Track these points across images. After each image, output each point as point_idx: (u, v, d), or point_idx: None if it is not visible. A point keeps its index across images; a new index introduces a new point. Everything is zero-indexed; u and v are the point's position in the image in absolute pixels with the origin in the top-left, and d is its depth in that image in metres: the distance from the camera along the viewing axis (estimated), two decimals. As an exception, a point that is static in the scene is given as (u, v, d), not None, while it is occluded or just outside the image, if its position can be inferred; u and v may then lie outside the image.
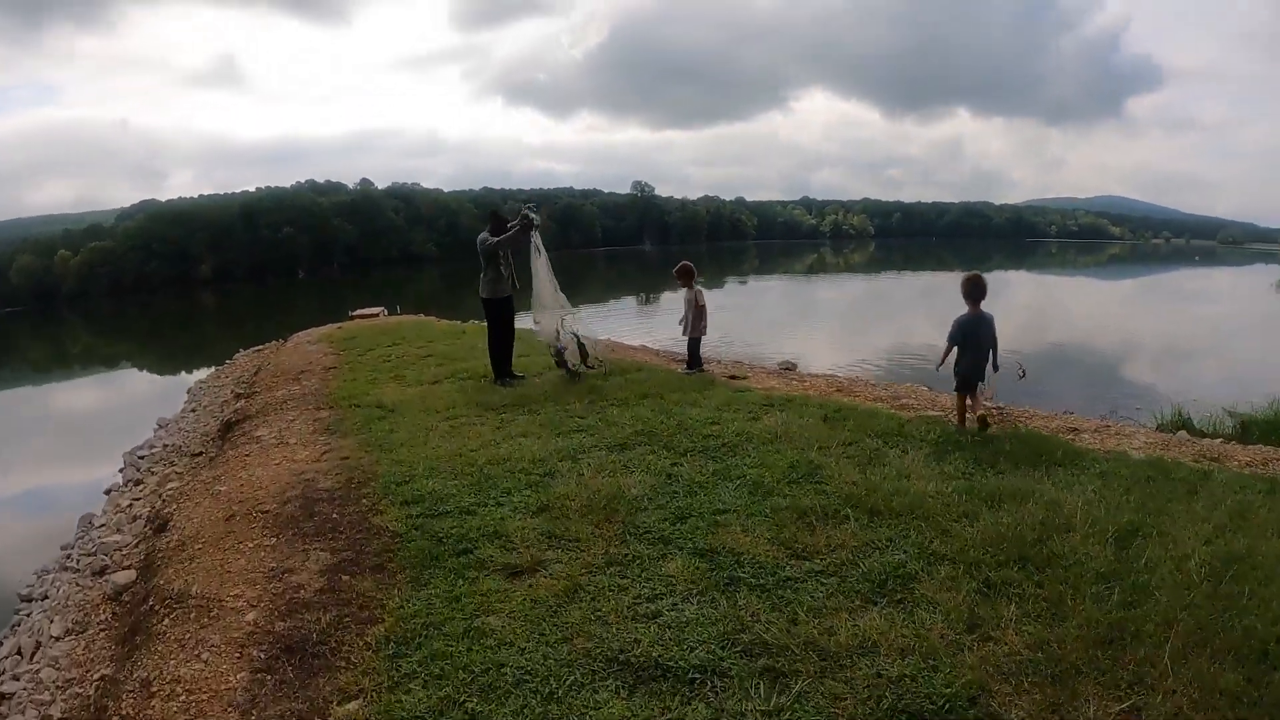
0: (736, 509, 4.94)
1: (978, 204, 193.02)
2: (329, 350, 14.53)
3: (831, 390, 8.99)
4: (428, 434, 7.14)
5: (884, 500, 4.90)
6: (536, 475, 5.74)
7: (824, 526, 4.61)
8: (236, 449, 7.79)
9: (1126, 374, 19.81)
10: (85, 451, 14.33)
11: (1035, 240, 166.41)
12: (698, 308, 9.33)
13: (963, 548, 4.21)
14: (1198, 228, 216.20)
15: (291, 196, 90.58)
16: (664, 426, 6.89)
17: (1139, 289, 57.58)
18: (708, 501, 5.09)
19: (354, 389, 9.82)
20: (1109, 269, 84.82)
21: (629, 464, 5.94)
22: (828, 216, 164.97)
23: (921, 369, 18.73)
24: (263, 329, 29.36)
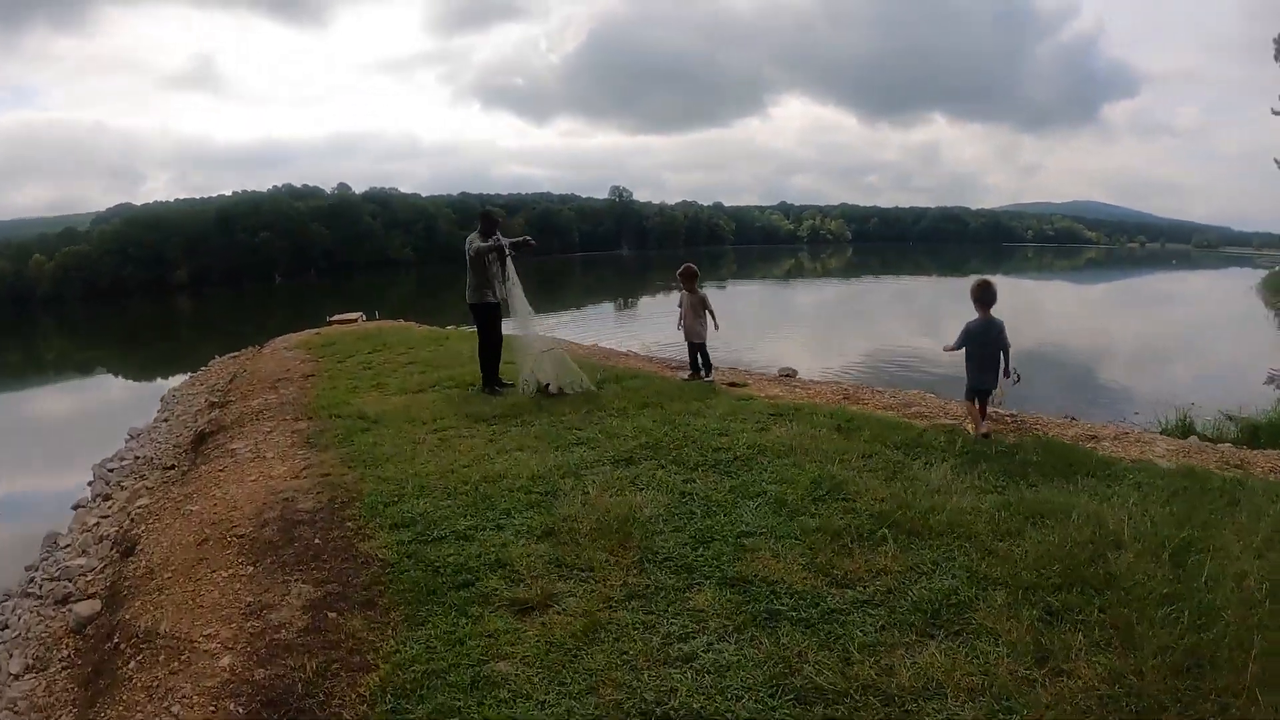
0: (762, 531, 4.55)
1: (954, 209, 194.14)
2: (307, 357, 13.97)
3: (838, 398, 8.60)
4: (415, 448, 6.66)
5: (919, 519, 4.58)
6: (538, 494, 5.29)
7: (861, 549, 4.25)
8: (209, 463, 7.28)
9: (1116, 378, 19.74)
10: (54, 462, 13.66)
11: (1012, 245, 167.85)
12: (705, 311, 8.86)
13: (1013, 570, 3.91)
14: (1172, 232, 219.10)
15: (269, 201, 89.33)
16: (670, 438, 6.47)
17: (1118, 293, 58.16)
18: (729, 522, 4.69)
19: (334, 398, 9.31)
20: (1087, 273, 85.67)
21: (638, 480, 5.51)
22: (805, 221, 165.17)
23: (913, 371, 18.63)
24: (239, 335, 28.74)
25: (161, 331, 47.15)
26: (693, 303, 8.88)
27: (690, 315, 8.90)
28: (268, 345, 18.34)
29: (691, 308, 8.89)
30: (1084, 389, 17.68)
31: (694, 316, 8.88)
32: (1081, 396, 16.32)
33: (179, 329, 48.81)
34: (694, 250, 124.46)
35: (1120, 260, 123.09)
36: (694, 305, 8.87)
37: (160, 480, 8.49)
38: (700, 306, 8.85)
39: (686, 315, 8.95)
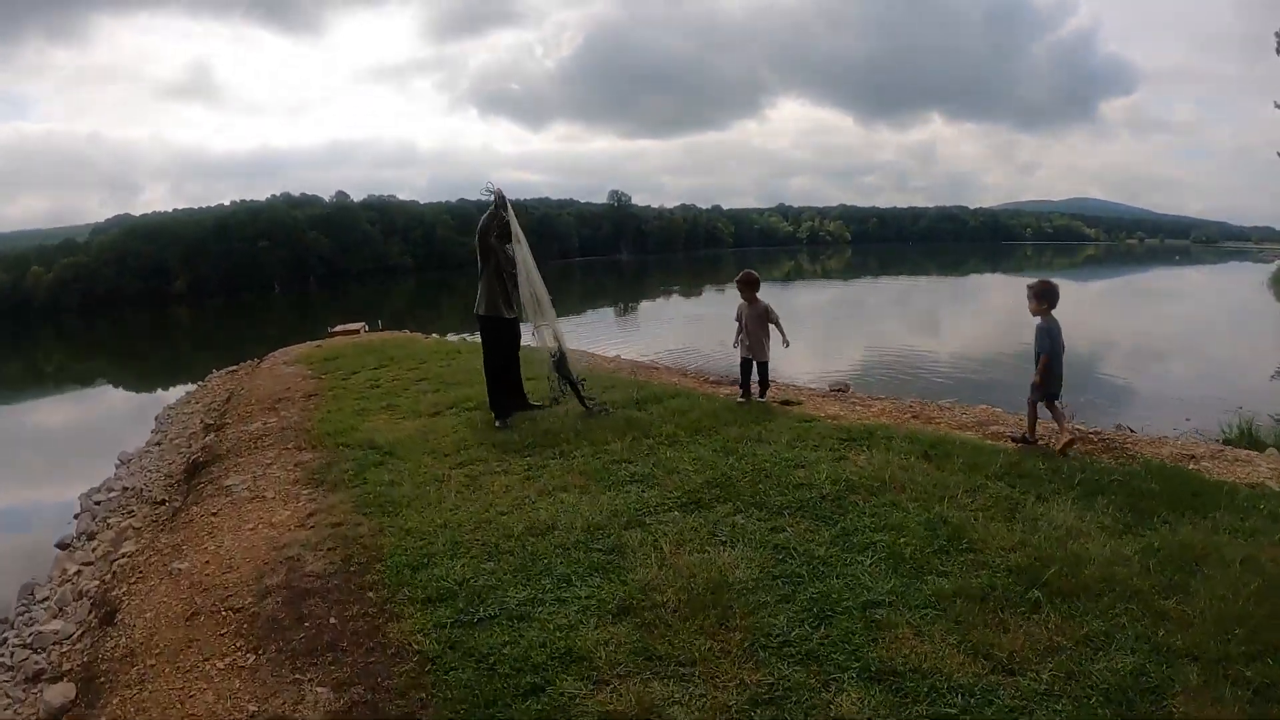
0: (890, 598, 3.68)
1: (953, 208, 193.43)
2: (308, 373, 13.00)
3: (905, 416, 7.68)
4: (439, 488, 5.71)
5: (1065, 573, 3.80)
6: (599, 552, 4.36)
7: (1014, 618, 3.48)
8: (202, 503, 6.34)
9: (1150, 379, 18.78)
10: (41, 490, 12.73)
11: (1011, 243, 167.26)
12: (769, 325, 7.73)
13: (1197, 638, 3.23)
14: (1171, 228, 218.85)
15: (266, 209, 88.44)
16: (738, 473, 5.54)
17: (1129, 290, 56.91)
18: (846, 587, 3.80)
19: (340, 423, 8.35)
20: (1090, 270, 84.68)
21: (717, 530, 4.58)
22: (804, 223, 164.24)
23: (940, 377, 17.79)
24: (237, 346, 27.84)
25: (159, 343, 46.20)
26: (754, 315, 7.75)
27: (752, 330, 7.75)
28: (266, 359, 17.42)
29: (753, 321, 7.74)
30: (1120, 392, 16.77)
31: (757, 331, 7.74)
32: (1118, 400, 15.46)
33: (177, 340, 47.72)
34: (693, 254, 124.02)
35: (1120, 257, 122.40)
36: (756, 318, 7.73)
37: (149, 518, 7.55)
38: (763, 319, 7.73)
39: (747, 330, 7.78)
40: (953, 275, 73.89)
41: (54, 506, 10.50)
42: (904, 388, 14.80)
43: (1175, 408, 14.24)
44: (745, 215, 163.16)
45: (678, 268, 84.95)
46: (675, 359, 17.84)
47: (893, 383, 16.21)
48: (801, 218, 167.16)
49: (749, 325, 7.69)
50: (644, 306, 45.48)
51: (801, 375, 13.58)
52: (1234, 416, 9.77)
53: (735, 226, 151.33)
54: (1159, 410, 14.09)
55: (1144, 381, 18.63)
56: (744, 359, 7.85)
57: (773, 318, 7.69)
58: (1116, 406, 14.34)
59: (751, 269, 7.92)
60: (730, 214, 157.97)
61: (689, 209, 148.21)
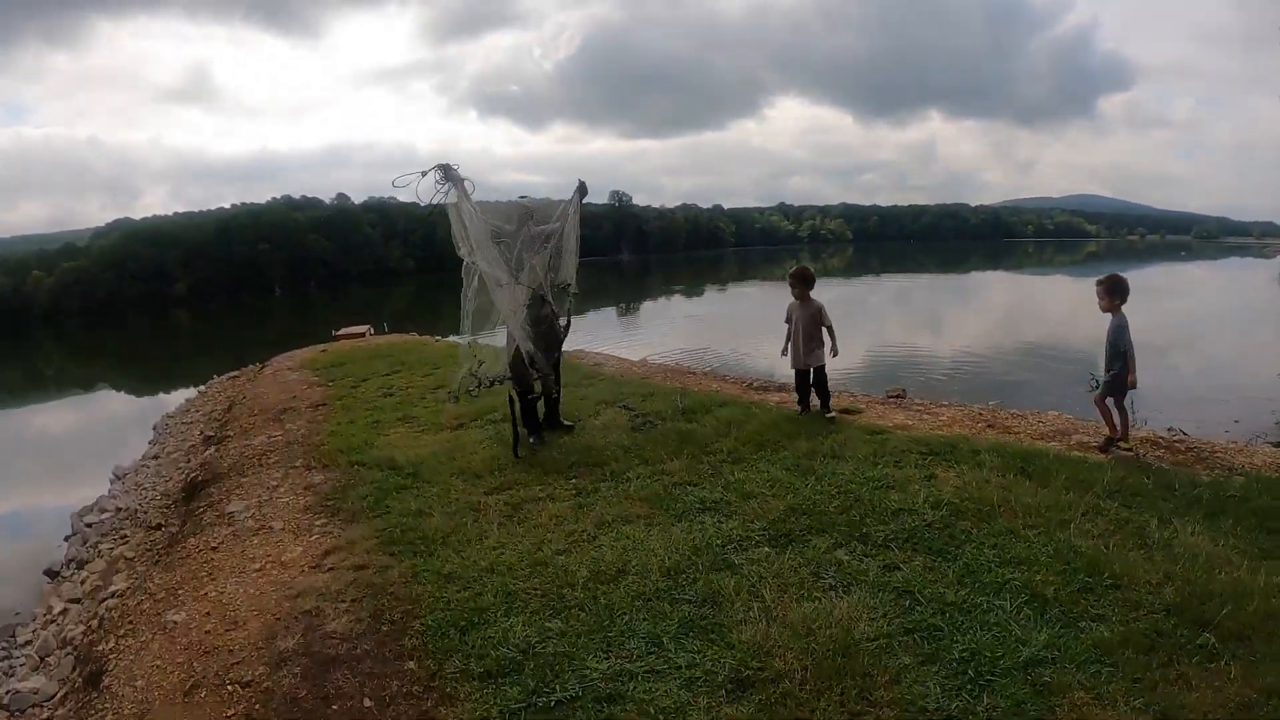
0: (1049, 652, 3.09)
1: (954, 206, 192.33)
2: (314, 380, 12.17)
3: (979, 425, 6.91)
4: (477, 519, 4.92)
5: (1228, 611, 3.29)
6: (688, 603, 3.60)
7: (1192, 669, 2.96)
8: (201, 533, 5.54)
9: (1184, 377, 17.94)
10: (35, 501, 11.93)
11: (1012, 240, 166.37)
12: (823, 327, 6.78)
13: None
14: (1171, 223, 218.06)
15: (267, 212, 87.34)
16: (823, 497, 4.80)
17: (1136, 287, 55.92)
18: (995, 640, 3.16)
19: (353, 437, 7.55)
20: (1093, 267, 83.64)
21: (821, 571, 3.85)
22: (805, 222, 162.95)
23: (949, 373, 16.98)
24: (238, 350, 27.00)
25: (160, 347, 45.21)
26: (808, 316, 6.79)
27: (803, 334, 6.78)
28: (269, 364, 16.58)
29: (806, 322, 6.77)
30: (1152, 392, 15.89)
31: (808, 335, 6.77)
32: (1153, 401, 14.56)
33: (177, 344, 46.76)
34: (694, 254, 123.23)
35: (1122, 253, 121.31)
36: (810, 319, 6.77)
37: (143, 546, 6.75)
38: (817, 321, 6.77)
39: (797, 334, 6.82)
40: (954, 273, 73.10)
41: (46, 523, 9.69)
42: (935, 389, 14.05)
43: (1218, 408, 13.44)
44: (746, 215, 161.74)
45: (679, 267, 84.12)
46: (686, 360, 17.09)
47: (923, 384, 15.40)
48: (802, 217, 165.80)
49: (802, 328, 6.74)
50: (645, 306, 44.64)
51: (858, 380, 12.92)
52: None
53: (736, 226, 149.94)
54: (1201, 411, 13.28)
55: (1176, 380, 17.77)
56: (797, 369, 6.92)
57: (826, 320, 6.75)
58: (1154, 407, 13.53)
59: (806, 265, 7.01)
60: (731, 213, 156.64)
61: (690, 209, 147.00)
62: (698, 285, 60.43)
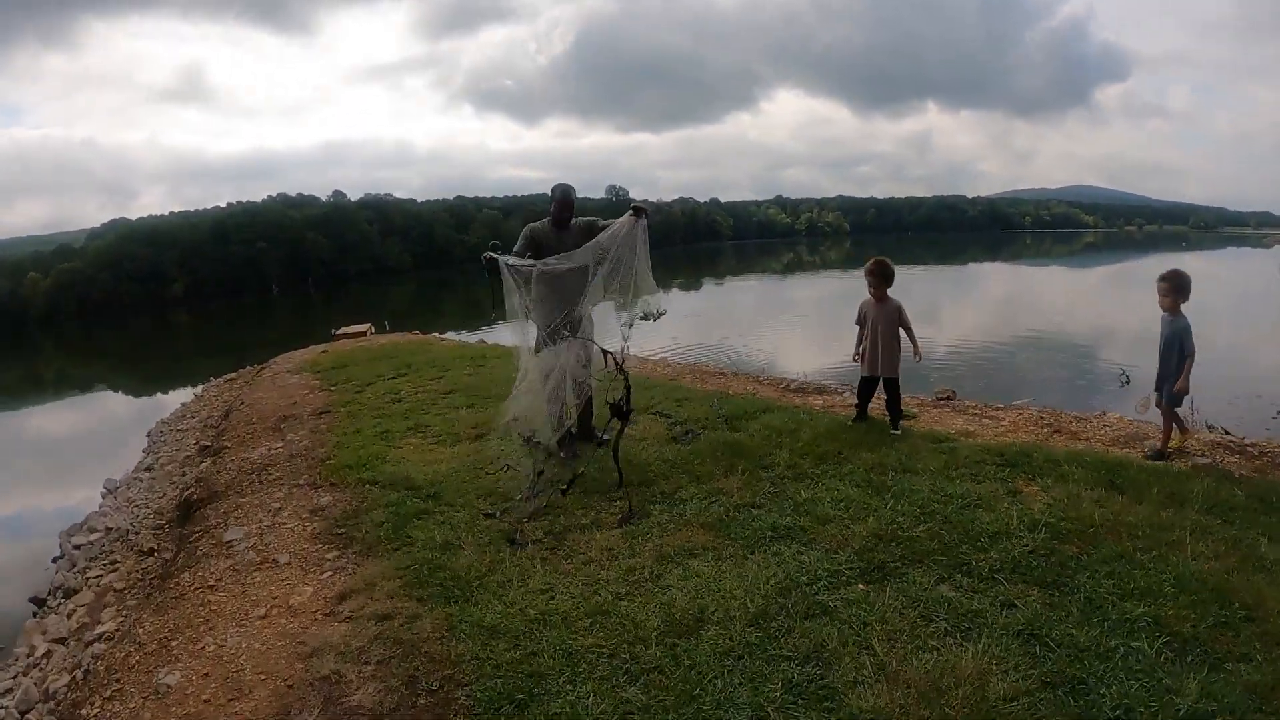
0: (1207, 704, 2.64)
1: (951, 197, 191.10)
2: (316, 384, 11.47)
3: (1045, 431, 6.28)
4: (515, 552, 4.27)
5: None
6: (787, 660, 3.00)
7: None
8: (196, 565, 4.87)
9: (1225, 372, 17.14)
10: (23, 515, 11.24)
11: (1010, 232, 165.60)
12: (900, 330, 5.96)
13: None
14: (1169, 214, 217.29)
15: (263, 211, 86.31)
16: (906, 519, 4.21)
17: (1141, 277, 55.19)
18: (1144, 690, 2.75)
19: (361, 450, 6.86)
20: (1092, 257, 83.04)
21: (929, 613, 3.29)
22: (803, 215, 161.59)
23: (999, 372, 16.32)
24: (237, 350, 26.31)
25: (158, 348, 44.39)
26: (885, 317, 5.91)
27: (883, 337, 5.92)
28: (268, 365, 15.87)
29: (884, 324, 5.91)
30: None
31: (889, 339, 5.92)
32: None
33: (176, 345, 45.93)
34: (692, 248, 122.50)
35: (1120, 243, 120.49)
36: (888, 320, 5.91)
37: (134, 574, 6.09)
38: (894, 324, 5.91)
39: (871, 337, 5.97)
40: (954, 264, 72.40)
41: (37, 531, 9.15)
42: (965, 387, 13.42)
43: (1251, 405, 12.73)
44: (743, 208, 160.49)
45: (677, 261, 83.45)
46: (695, 356, 16.63)
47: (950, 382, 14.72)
48: (799, 209, 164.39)
49: (879, 330, 5.92)
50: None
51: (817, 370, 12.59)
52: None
53: (733, 219, 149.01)
54: (1232, 406, 12.56)
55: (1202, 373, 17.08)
56: (865, 376, 6.11)
57: (905, 321, 5.92)
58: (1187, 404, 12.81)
59: (884, 257, 6.12)
60: (728, 207, 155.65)
61: (687, 202, 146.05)
62: (695, 279, 59.82)
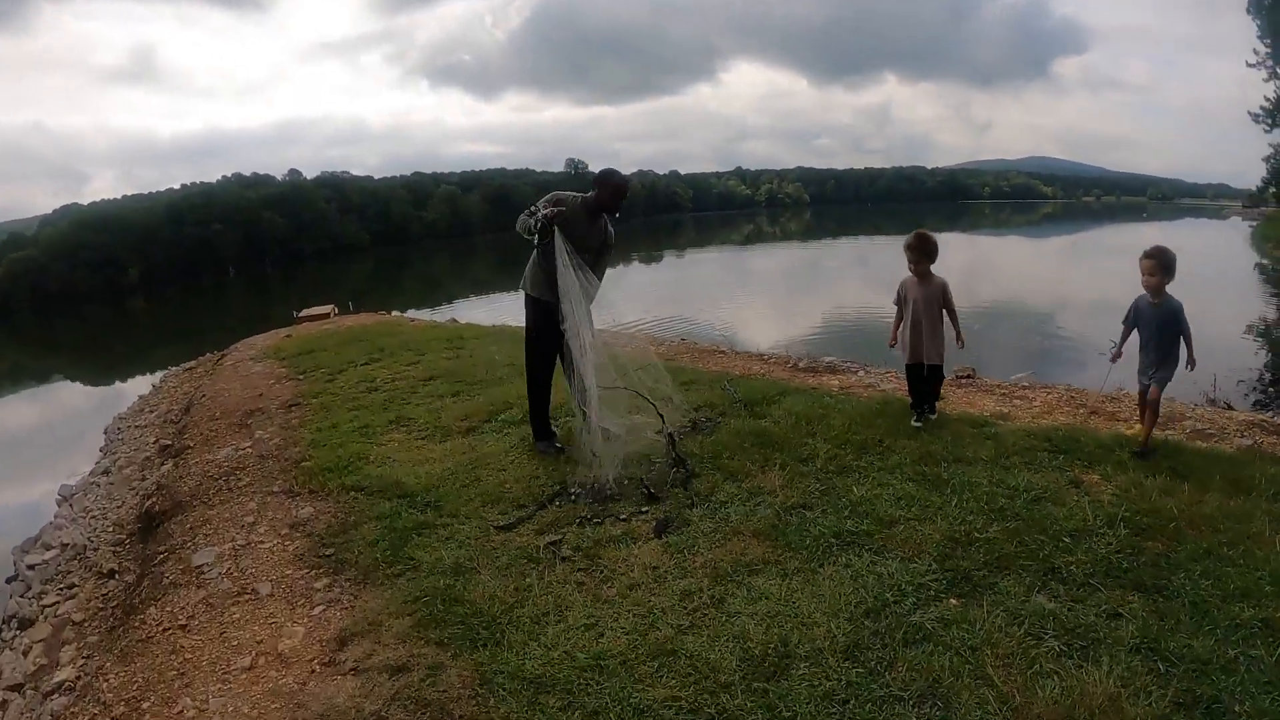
0: None
1: (911, 169, 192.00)
2: (282, 371, 10.66)
3: (1082, 412, 5.89)
4: (541, 574, 3.65)
5: None
6: (897, 701, 2.59)
7: None
8: (163, 598, 4.17)
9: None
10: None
11: (969, 202, 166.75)
12: (944, 312, 5.21)
13: None
14: (1127, 185, 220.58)
15: (218, 192, 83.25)
16: (977, 517, 3.80)
17: (1100, 247, 54.99)
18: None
19: (340, 449, 6.14)
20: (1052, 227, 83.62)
21: (1036, 629, 2.92)
22: (763, 186, 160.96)
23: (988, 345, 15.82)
24: (196, 336, 25.18)
25: (115, 336, 42.59)
26: (928, 297, 5.15)
27: (926, 318, 5.17)
28: (229, 352, 14.93)
29: (926, 305, 5.16)
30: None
31: (932, 321, 5.18)
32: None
33: (133, 333, 44.14)
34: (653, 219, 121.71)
35: (1079, 214, 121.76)
36: (930, 301, 5.15)
37: (94, 602, 5.34)
38: (937, 306, 5.16)
39: (913, 319, 5.21)
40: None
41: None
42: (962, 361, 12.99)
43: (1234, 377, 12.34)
44: (704, 180, 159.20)
45: (638, 234, 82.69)
46: (665, 328, 16.23)
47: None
48: (759, 181, 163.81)
49: (921, 312, 5.18)
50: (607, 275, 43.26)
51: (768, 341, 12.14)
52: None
53: (694, 191, 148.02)
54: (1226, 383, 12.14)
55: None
56: (911, 364, 5.35)
57: (949, 303, 5.18)
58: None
59: (925, 230, 5.29)
60: (688, 179, 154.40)
61: (647, 175, 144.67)
62: (656, 252, 59.23)
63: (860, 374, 7.24)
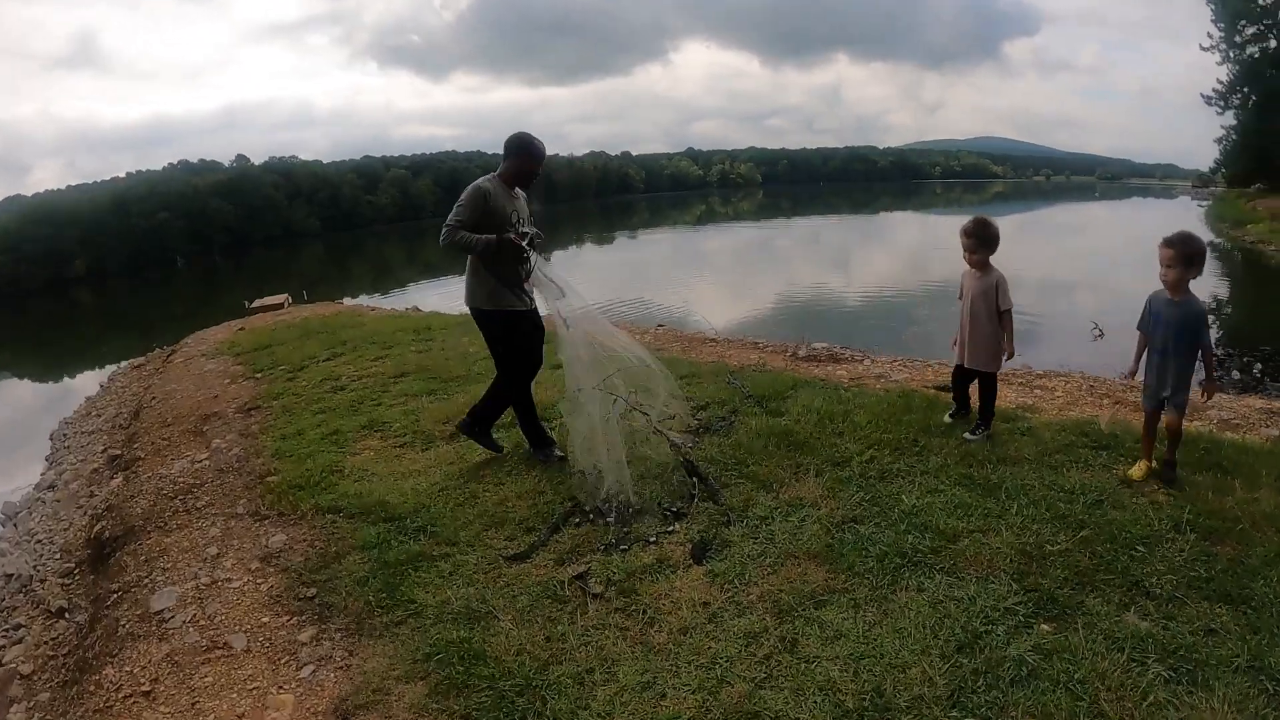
0: None
1: (863, 148, 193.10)
2: (237, 369, 9.87)
3: (1101, 401, 5.64)
4: (572, 616, 3.13)
5: None
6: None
7: None
8: (120, 653, 3.54)
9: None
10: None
11: (921, 181, 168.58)
12: (999, 311, 4.46)
13: None
14: (1076, 165, 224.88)
15: (164, 180, 79.90)
16: (1043, 526, 3.47)
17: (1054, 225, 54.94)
18: None
19: (310, 461, 5.50)
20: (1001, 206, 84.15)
21: (1137, 655, 2.66)
22: (715, 166, 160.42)
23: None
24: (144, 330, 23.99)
25: (62, 331, 40.64)
26: (981, 291, 4.45)
27: (971, 318, 4.52)
28: (179, 347, 14.04)
29: (980, 301, 4.46)
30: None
31: (985, 320, 4.47)
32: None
33: (80, 326, 42.14)
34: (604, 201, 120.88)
35: (1029, 192, 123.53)
36: (982, 297, 4.44)
37: (44, 647, 4.65)
38: (991, 301, 4.42)
39: (970, 315, 4.53)
40: (864, 213, 72.71)
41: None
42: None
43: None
44: (655, 160, 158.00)
45: (590, 216, 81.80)
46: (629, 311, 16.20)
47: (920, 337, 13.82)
48: (711, 161, 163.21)
49: (971, 309, 4.51)
50: (556, 256, 42.56)
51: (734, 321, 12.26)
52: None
53: (646, 173, 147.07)
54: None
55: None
56: (960, 365, 4.71)
57: (1004, 301, 4.42)
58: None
59: (986, 216, 4.59)
60: (640, 160, 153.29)
61: (599, 156, 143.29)
62: (609, 233, 58.64)
63: (866, 363, 6.81)
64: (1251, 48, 41.13)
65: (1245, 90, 41.97)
